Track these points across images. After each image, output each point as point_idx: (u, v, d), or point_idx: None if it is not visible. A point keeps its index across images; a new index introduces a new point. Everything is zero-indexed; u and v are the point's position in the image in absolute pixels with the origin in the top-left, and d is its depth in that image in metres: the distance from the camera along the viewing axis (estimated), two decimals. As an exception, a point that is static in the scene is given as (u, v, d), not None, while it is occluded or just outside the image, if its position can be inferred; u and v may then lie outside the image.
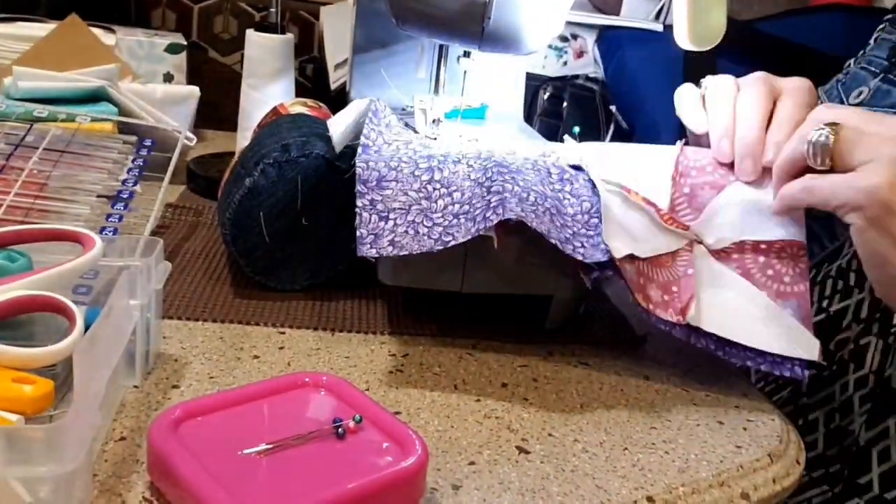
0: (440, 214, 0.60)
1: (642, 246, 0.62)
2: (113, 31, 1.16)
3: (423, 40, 0.81)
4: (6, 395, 0.43)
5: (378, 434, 0.47)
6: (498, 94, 0.89)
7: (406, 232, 0.59)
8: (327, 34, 1.29)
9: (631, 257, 0.61)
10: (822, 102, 0.86)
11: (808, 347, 0.62)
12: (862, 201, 0.54)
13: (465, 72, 0.76)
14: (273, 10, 1.11)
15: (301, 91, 1.24)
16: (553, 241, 0.59)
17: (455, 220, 0.59)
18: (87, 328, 0.44)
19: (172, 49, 1.19)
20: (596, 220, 0.62)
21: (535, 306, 0.68)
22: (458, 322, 0.68)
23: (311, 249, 0.70)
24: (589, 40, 1.42)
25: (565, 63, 1.41)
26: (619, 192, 0.63)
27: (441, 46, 0.76)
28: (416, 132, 0.72)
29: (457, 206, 0.60)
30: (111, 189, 0.74)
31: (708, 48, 0.71)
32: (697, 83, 0.69)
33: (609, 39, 1.40)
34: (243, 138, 1.04)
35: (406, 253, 0.58)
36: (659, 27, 1.41)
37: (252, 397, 0.49)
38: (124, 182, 0.75)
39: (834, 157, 0.56)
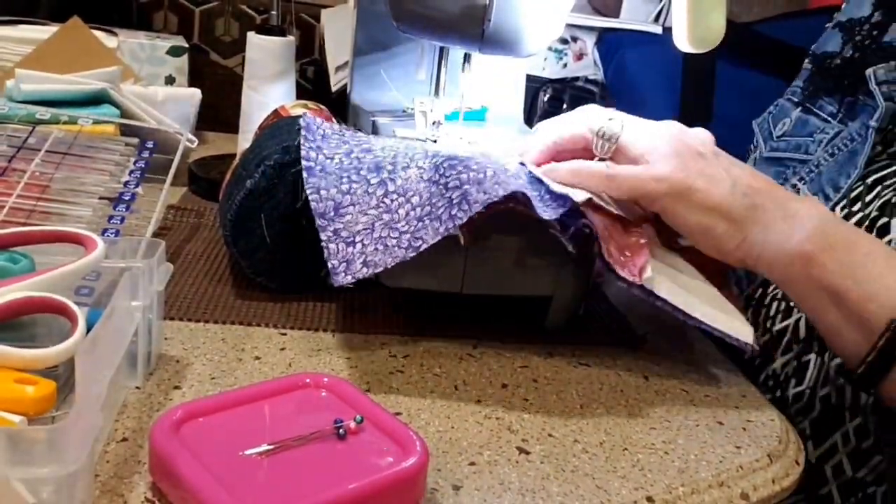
0: (404, 222, 0.60)
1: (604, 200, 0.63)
2: (115, 34, 1.16)
3: (424, 42, 0.81)
4: (8, 396, 0.43)
5: (379, 435, 0.47)
6: (498, 97, 0.90)
7: (376, 249, 0.59)
8: (328, 36, 1.29)
9: (595, 207, 0.61)
10: (756, 137, 0.90)
11: (744, 331, 0.64)
12: (664, 188, 0.62)
13: (464, 74, 0.77)
14: (274, 12, 1.11)
15: (302, 93, 1.24)
16: (526, 192, 0.58)
17: (420, 224, 0.60)
18: (88, 329, 0.45)
19: (174, 52, 1.19)
20: (544, 189, 0.62)
21: (535, 307, 0.68)
22: (459, 323, 0.68)
23: (312, 251, 0.70)
24: (589, 42, 1.42)
25: (565, 65, 1.41)
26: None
27: (441, 49, 0.76)
28: (356, 130, 0.71)
29: (418, 209, 0.60)
30: (113, 191, 0.74)
31: (707, 50, 0.71)
32: (697, 85, 0.71)
33: (609, 42, 1.40)
34: (244, 140, 1.04)
35: (381, 269, 0.58)
36: (658, 29, 1.41)
37: (253, 398, 0.49)
38: (126, 184, 0.75)
39: (618, 149, 0.64)
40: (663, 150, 0.63)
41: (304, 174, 0.63)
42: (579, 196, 0.60)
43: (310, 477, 0.43)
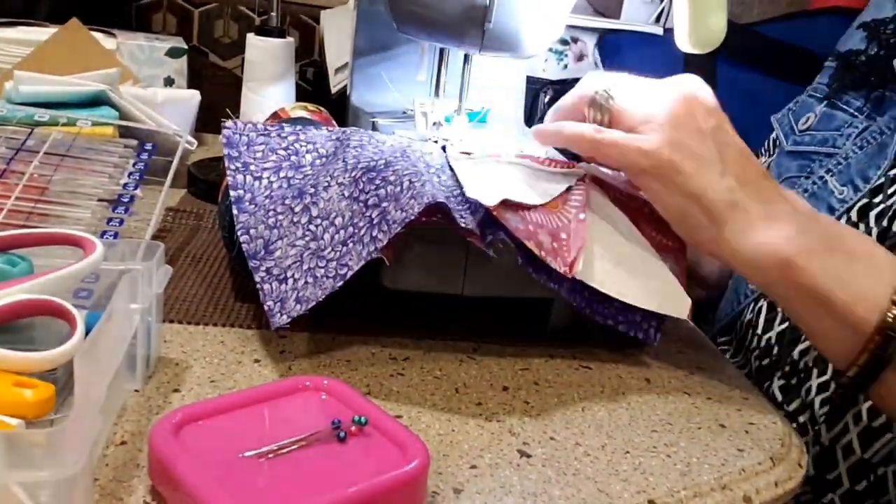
0: (330, 249, 0.60)
1: (530, 193, 0.62)
2: (114, 35, 1.16)
3: (424, 44, 0.81)
4: (7, 399, 0.43)
5: (379, 438, 0.47)
6: (498, 98, 0.89)
7: (306, 283, 0.59)
8: (328, 38, 1.29)
9: (514, 207, 0.60)
10: (776, 132, 0.89)
11: (679, 305, 0.63)
12: (647, 163, 0.60)
13: (465, 75, 0.76)
14: (273, 14, 1.11)
15: (301, 95, 1.24)
16: (443, 201, 0.57)
17: (345, 248, 0.59)
18: (87, 332, 0.44)
19: (173, 53, 1.19)
20: (460, 192, 0.62)
21: (536, 309, 0.68)
22: (460, 325, 0.68)
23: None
24: (589, 44, 1.42)
25: (566, 66, 1.41)
26: (485, 158, 0.65)
27: (441, 50, 0.76)
28: (283, 128, 0.71)
29: (342, 231, 0.60)
30: (112, 193, 0.74)
31: (708, 51, 0.71)
32: None
33: (609, 43, 1.40)
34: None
35: (313, 304, 0.58)
36: (659, 30, 1.41)
37: (253, 401, 0.49)
38: (125, 186, 0.75)
39: (612, 118, 0.63)
40: (660, 120, 0.61)
41: (234, 210, 0.63)
42: (492, 199, 0.59)
43: (310, 480, 0.43)
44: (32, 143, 0.77)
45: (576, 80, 0.70)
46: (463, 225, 0.58)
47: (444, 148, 0.68)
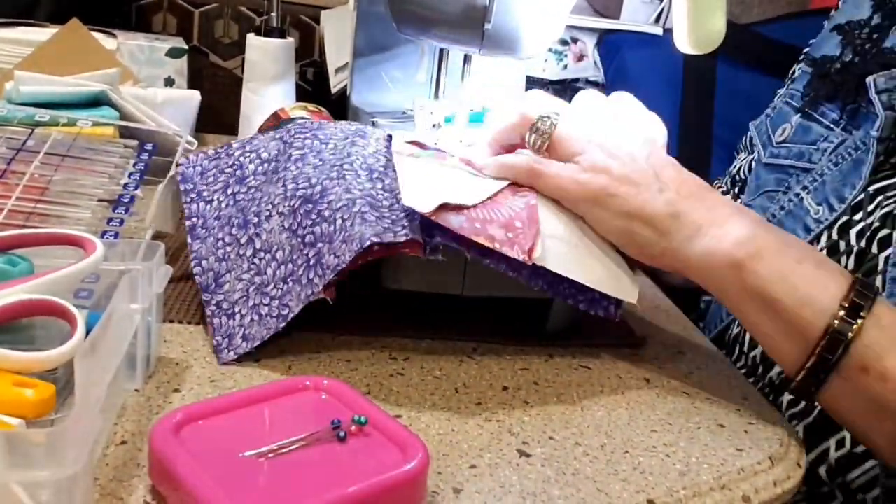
0: (273, 285, 0.60)
1: (471, 195, 0.61)
2: (114, 36, 1.16)
3: (424, 44, 0.81)
4: (7, 399, 0.43)
5: (379, 437, 0.47)
6: (498, 98, 0.89)
7: (252, 321, 0.59)
8: (328, 38, 1.29)
9: (456, 208, 0.60)
10: (754, 140, 0.89)
11: (627, 288, 0.63)
12: (584, 192, 0.62)
13: (464, 75, 0.77)
14: (274, 14, 1.11)
15: (302, 95, 1.24)
16: (374, 238, 0.57)
17: (286, 286, 0.60)
18: (88, 332, 0.45)
19: (173, 53, 1.19)
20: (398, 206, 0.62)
21: (535, 309, 0.68)
22: (459, 325, 0.68)
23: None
24: (589, 44, 1.42)
25: (565, 67, 1.41)
26: (429, 159, 0.65)
27: (441, 50, 0.76)
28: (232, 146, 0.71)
29: (283, 267, 0.61)
30: (112, 193, 0.74)
31: (708, 52, 0.71)
32: (697, 86, 0.70)
33: (609, 43, 1.40)
34: (244, 142, 1.04)
35: (258, 343, 0.58)
36: (659, 31, 1.41)
37: (253, 401, 0.49)
38: (125, 186, 0.75)
39: (551, 145, 0.64)
40: (592, 153, 0.62)
41: (188, 239, 0.64)
42: (429, 205, 0.58)
43: (310, 480, 0.43)
44: (33, 143, 0.77)
45: (575, 81, 0.70)
46: (404, 237, 0.58)
47: (389, 137, 0.68)
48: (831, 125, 0.79)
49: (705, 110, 1.32)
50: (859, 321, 0.55)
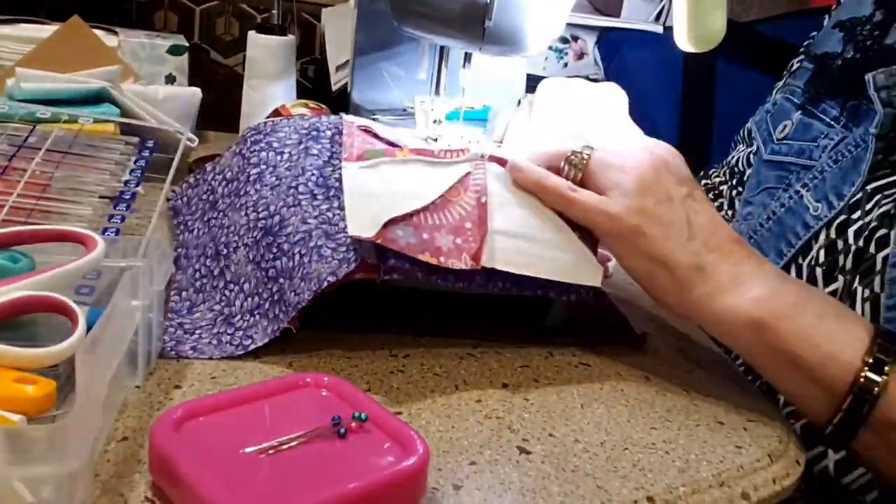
0: (239, 317, 0.61)
1: (426, 192, 0.61)
2: (115, 33, 1.16)
3: (424, 42, 0.81)
4: (8, 395, 0.43)
5: (379, 434, 0.47)
6: (499, 96, 0.89)
7: (210, 343, 0.60)
8: (328, 35, 1.29)
9: (406, 218, 0.59)
10: (754, 135, 0.88)
11: (591, 273, 0.63)
12: (613, 227, 0.62)
13: (465, 73, 0.77)
14: (274, 11, 1.11)
15: (302, 92, 1.24)
16: (331, 278, 0.58)
17: (252, 319, 0.61)
18: (89, 329, 0.45)
19: (174, 50, 1.19)
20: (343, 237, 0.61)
21: (536, 307, 0.68)
22: (459, 322, 0.68)
23: None
24: (589, 42, 1.42)
25: (566, 65, 1.41)
26: (379, 160, 0.64)
27: (442, 48, 0.76)
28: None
29: (249, 299, 0.62)
30: (113, 190, 0.74)
31: (708, 50, 0.71)
32: (698, 84, 0.71)
33: (609, 41, 1.40)
34: (245, 140, 1.04)
35: (206, 357, 0.58)
36: (659, 29, 1.41)
37: (254, 398, 0.49)
38: (126, 183, 0.75)
39: (584, 177, 0.64)
40: (627, 187, 0.62)
41: (173, 269, 0.64)
42: (374, 228, 0.58)
43: (310, 476, 0.43)
44: (34, 140, 0.78)
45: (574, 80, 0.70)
46: (355, 263, 0.58)
47: (340, 133, 0.67)
48: (832, 122, 0.78)
49: (705, 108, 1.32)
50: (884, 377, 0.55)
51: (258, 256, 0.63)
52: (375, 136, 0.69)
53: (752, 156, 0.90)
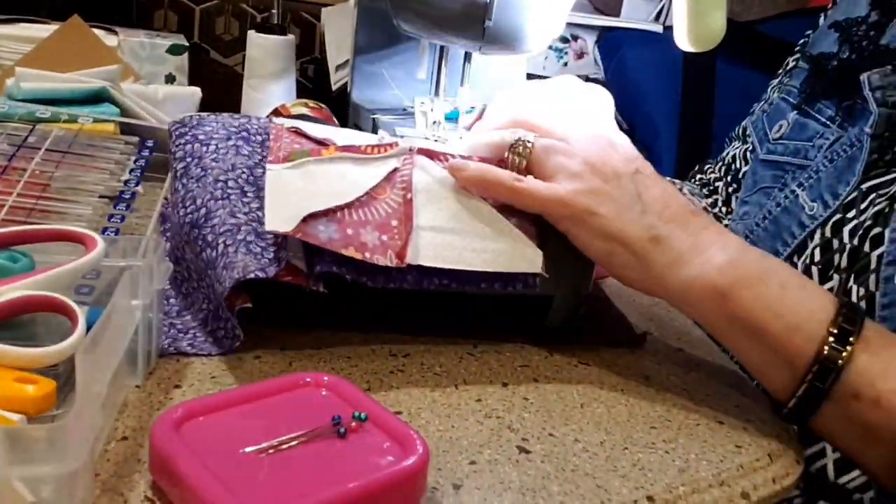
0: (219, 310, 0.60)
1: (351, 189, 0.61)
2: (115, 33, 1.16)
3: (424, 41, 0.81)
4: (8, 394, 0.43)
5: (379, 433, 0.47)
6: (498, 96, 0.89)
7: (206, 341, 0.60)
8: (328, 35, 1.29)
9: (329, 213, 0.58)
10: (749, 133, 0.88)
11: (530, 259, 0.62)
12: (565, 211, 0.61)
13: (465, 73, 0.77)
14: (274, 11, 1.11)
15: (302, 92, 1.24)
16: (259, 273, 0.57)
17: (219, 312, 0.60)
18: (89, 328, 0.45)
19: (174, 50, 1.19)
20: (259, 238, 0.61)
21: (536, 306, 0.68)
22: (459, 322, 0.68)
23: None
24: (589, 41, 1.42)
25: (565, 64, 1.42)
26: (304, 160, 0.62)
27: (442, 48, 0.76)
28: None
29: (208, 290, 0.61)
30: (113, 189, 0.74)
31: (707, 49, 0.71)
32: (697, 84, 0.71)
33: (609, 40, 1.40)
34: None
35: (205, 353, 0.58)
36: (659, 28, 1.41)
37: (254, 397, 0.49)
38: (126, 182, 0.75)
39: (529, 164, 0.63)
40: (574, 170, 0.61)
41: (172, 266, 0.63)
42: (292, 222, 0.57)
43: (310, 475, 0.43)
44: (34, 139, 0.78)
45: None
46: (279, 268, 0.58)
47: (268, 135, 0.66)
48: (827, 122, 0.79)
49: (705, 108, 1.33)
50: (849, 347, 0.55)
51: (195, 253, 0.61)
52: (305, 136, 0.67)
53: (748, 153, 0.90)
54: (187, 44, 1.21)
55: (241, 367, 0.58)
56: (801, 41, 0.90)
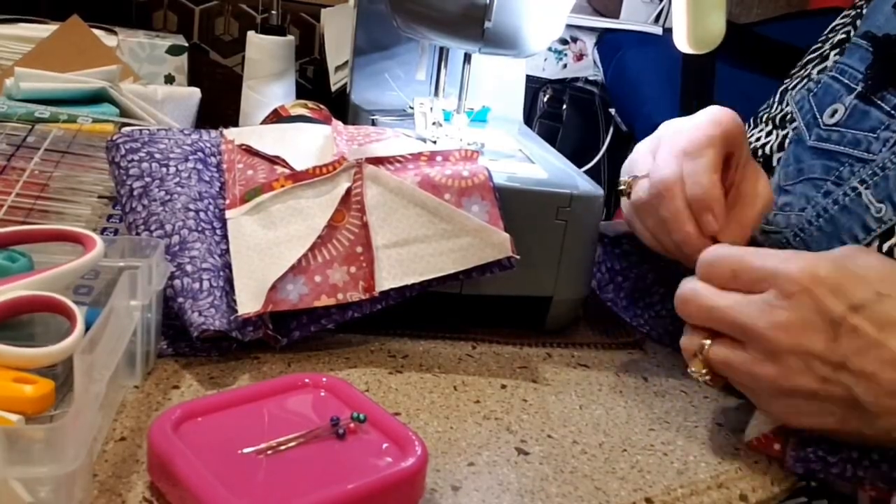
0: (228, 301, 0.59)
1: (313, 225, 0.60)
2: (114, 33, 1.16)
3: (424, 42, 0.81)
4: (7, 395, 0.43)
5: (378, 435, 0.47)
6: (498, 97, 0.89)
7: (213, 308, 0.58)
8: (328, 36, 1.29)
9: (292, 270, 0.59)
10: (791, 110, 0.81)
11: (499, 245, 0.61)
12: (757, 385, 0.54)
13: (465, 74, 0.77)
14: (274, 12, 1.11)
15: (302, 93, 1.24)
16: (237, 335, 0.57)
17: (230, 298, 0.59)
18: (87, 328, 0.45)
19: (174, 51, 1.19)
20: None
21: (534, 308, 0.68)
22: (458, 323, 0.68)
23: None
24: (589, 43, 1.42)
25: (565, 66, 1.42)
26: (259, 200, 0.61)
27: (441, 49, 0.76)
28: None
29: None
30: (112, 190, 0.74)
31: (707, 51, 0.71)
32: (697, 86, 0.69)
33: (609, 42, 1.40)
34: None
35: (213, 327, 0.57)
36: (658, 30, 1.41)
37: (252, 398, 0.49)
38: (125, 183, 0.75)
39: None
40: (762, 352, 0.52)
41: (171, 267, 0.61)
42: (260, 298, 0.57)
43: (308, 476, 0.43)
44: (33, 139, 0.78)
45: (575, 80, 0.70)
46: (269, 332, 0.58)
47: (219, 167, 0.66)
48: (893, 112, 0.70)
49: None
50: None
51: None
52: (256, 154, 0.66)
53: (787, 142, 0.81)
54: (187, 44, 1.21)
55: (240, 367, 0.58)
56: (846, 13, 0.80)
